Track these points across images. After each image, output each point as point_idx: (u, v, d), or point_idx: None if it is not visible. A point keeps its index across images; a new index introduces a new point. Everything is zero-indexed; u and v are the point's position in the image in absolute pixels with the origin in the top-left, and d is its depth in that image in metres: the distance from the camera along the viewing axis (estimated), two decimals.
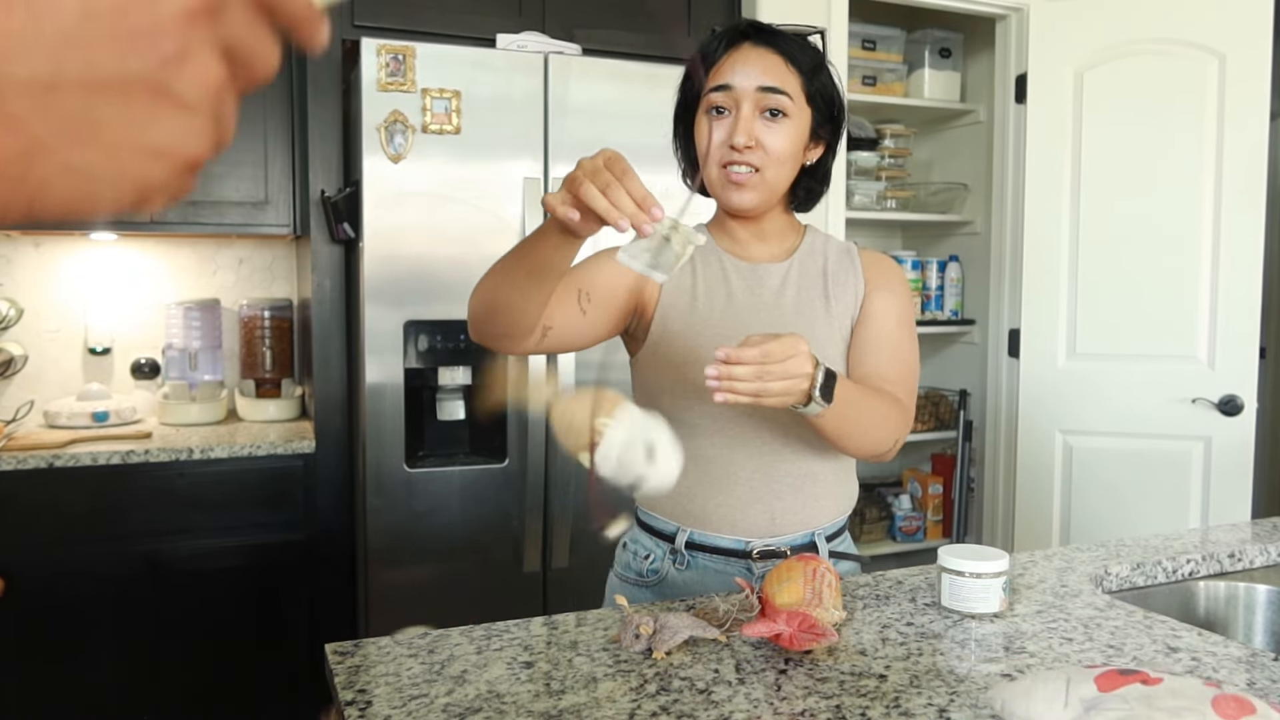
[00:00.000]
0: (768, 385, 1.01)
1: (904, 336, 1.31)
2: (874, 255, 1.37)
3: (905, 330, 1.32)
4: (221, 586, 2.34)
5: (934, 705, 0.91)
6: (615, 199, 0.91)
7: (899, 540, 3.36)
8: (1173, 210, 2.70)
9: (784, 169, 1.24)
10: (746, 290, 1.29)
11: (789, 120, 1.22)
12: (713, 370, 1.01)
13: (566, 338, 1.22)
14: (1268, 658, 1.04)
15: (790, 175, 1.26)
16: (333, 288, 2.44)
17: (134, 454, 2.25)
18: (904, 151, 3.33)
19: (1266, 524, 1.64)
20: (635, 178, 0.92)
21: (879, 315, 1.30)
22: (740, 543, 1.27)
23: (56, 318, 2.74)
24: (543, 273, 1.06)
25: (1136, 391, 2.76)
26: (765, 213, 1.29)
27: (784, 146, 1.22)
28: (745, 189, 1.23)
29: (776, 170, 1.23)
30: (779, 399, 1.03)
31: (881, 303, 1.31)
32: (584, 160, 0.94)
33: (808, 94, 1.23)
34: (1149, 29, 2.71)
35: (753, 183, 1.23)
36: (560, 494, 2.33)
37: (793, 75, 1.22)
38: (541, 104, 2.28)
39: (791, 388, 1.03)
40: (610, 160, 0.93)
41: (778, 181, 1.24)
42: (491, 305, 1.13)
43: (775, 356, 1.00)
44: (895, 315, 1.31)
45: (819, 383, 1.06)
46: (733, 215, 1.30)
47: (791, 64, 1.22)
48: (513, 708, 0.90)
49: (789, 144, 1.22)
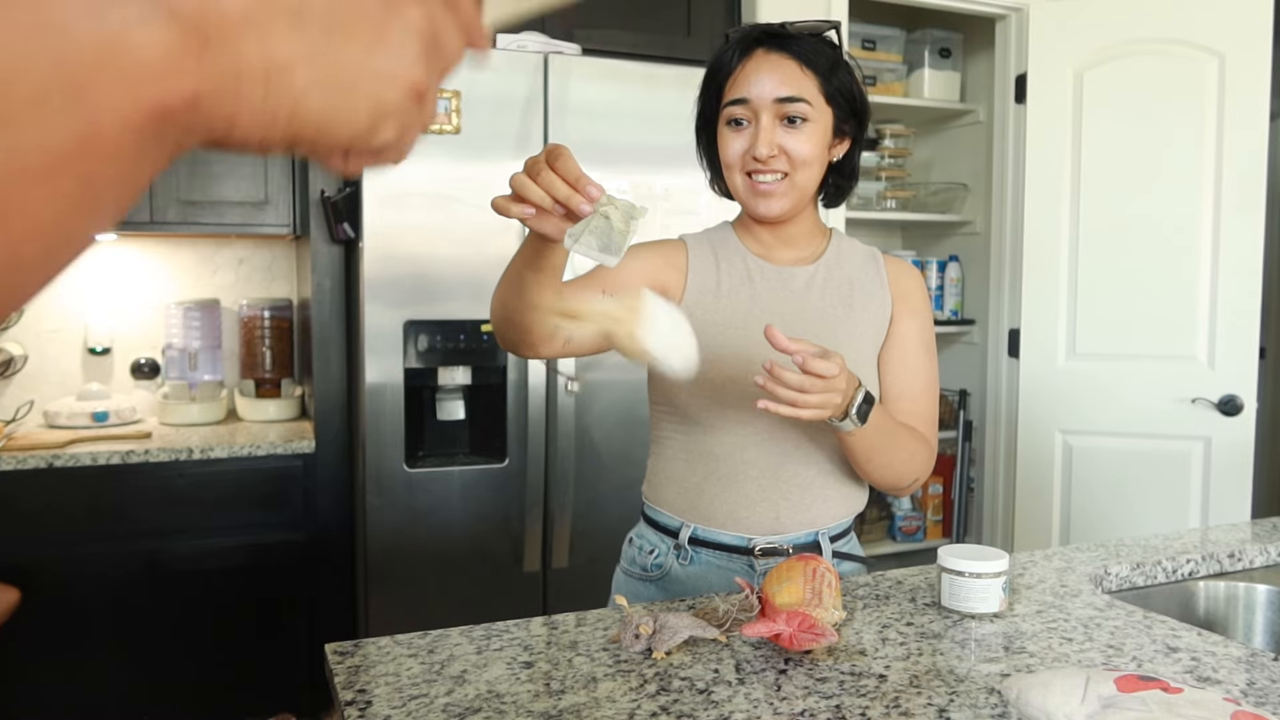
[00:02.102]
0: (806, 398, 1.04)
1: (928, 362, 1.34)
2: (899, 267, 1.37)
3: (929, 355, 1.34)
4: (221, 586, 2.34)
5: (934, 705, 0.91)
6: (546, 183, 0.90)
7: (899, 540, 3.36)
8: (1172, 210, 2.70)
9: (811, 171, 1.24)
10: (770, 292, 1.29)
11: (810, 124, 1.22)
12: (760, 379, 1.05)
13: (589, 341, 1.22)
14: (1267, 658, 1.04)
15: (818, 176, 1.26)
16: (333, 288, 2.44)
17: (134, 454, 2.25)
18: (904, 151, 3.33)
19: (1266, 524, 1.64)
20: (569, 160, 0.90)
21: (908, 340, 1.32)
22: (743, 539, 1.28)
23: (56, 317, 2.74)
24: (538, 278, 1.05)
25: (1136, 391, 2.76)
26: (794, 217, 1.29)
27: (807, 151, 1.22)
28: (774, 197, 1.23)
29: (804, 173, 1.23)
30: (815, 412, 1.06)
31: (908, 327, 1.33)
32: (530, 157, 0.93)
33: (826, 95, 1.23)
34: (1149, 29, 2.71)
35: (781, 190, 1.23)
36: (560, 494, 2.33)
37: (810, 79, 1.22)
38: (541, 104, 2.28)
39: (827, 402, 1.06)
40: (549, 151, 0.91)
41: (806, 184, 1.24)
42: (504, 315, 1.13)
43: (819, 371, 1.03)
44: (921, 340, 1.34)
45: (857, 401, 1.11)
46: (760, 223, 1.30)
47: (808, 67, 1.22)
48: (512, 708, 0.90)
49: (812, 148, 1.22)
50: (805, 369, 1.03)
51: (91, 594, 2.24)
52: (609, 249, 0.92)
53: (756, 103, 1.21)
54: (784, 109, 1.21)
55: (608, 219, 0.91)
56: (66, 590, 2.23)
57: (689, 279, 1.29)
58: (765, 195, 1.23)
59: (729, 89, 1.24)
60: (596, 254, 0.92)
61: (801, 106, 1.21)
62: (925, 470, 1.29)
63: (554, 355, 1.20)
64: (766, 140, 1.20)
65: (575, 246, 0.92)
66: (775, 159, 1.21)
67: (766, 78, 1.21)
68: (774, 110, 1.21)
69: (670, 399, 1.29)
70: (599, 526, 2.36)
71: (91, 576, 2.24)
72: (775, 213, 1.25)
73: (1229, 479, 2.67)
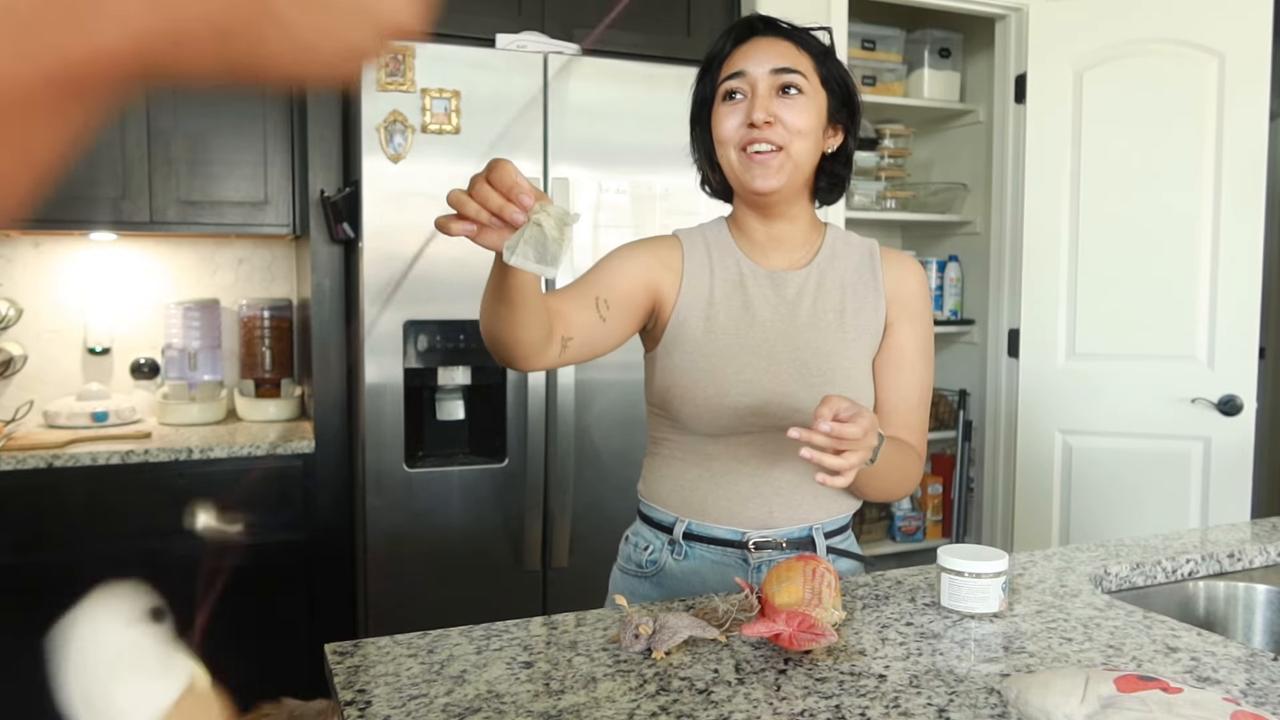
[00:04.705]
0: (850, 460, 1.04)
1: (925, 372, 1.33)
2: (898, 264, 1.35)
3: (926, 363, 1.34)
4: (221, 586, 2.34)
5: (933, 705, 0.91)
6: (481, 196, 0.88)
7: (898, 540, 3.36)
8: (1172, 210, 2.70)
9: (805, 143, 1.23)
10: (762, 299, 1.29)
11: (805, 97, 1.23)
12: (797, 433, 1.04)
13: (589, 346, 1.21)
14: (1267, 658, 1.04)
15: (812, 154, 1.25)
16: (332, 288, 2.44)
17: (133, 454, 2.25)
18: (904, 151, 3.33)
19: (1266, 524, 1.64)
20: (505, 171, 0.88)
21: (906, 350, 1.32)
22: (737, 533, 1.28)
23: (56, 318, 2.74)
24: (511, 296, 1.02)
25: (1136, 391, 2.76)
26: (788, 207, 1.28)
27: (803, 121, 1.22)
28: (770, 169, 1.22)
29: (799, 145, 1.23)
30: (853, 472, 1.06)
31: (906, 335, 1.32)
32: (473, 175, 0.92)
33: (821, 77, 1.25)
34: (1149, 29, 2.71)
35: (777, 162, 1.22)
36: (560, 494, 2.33)
37: (805, 57, 1.24)
38: (541, 104, 2.28)
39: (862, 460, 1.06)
40: (489, 165, 0.90)
41: (801, 158, 1.23)
42: (489, 334, 1.13)
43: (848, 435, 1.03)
44: (919, 349, 1.33)
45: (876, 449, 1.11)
46: (757, 201, 1.27)
47: (803, 49, 1.25)
48: (512, 708, 0.90)
49: (808, 119, 1.23)
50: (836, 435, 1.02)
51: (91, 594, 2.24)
52: (544, 259, 0.90)
53: (753, 74, 1.23)
54: (780, 79, 1.22)
55: (540, 227, 0.89)
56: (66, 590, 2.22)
57: (683, 281, 1.29)
58: (760, 166, 1.22)
59: (725, 68, 1.26)
60: (534, 265, 0.90)
61: (797, 78, 1.22)
62: (916, 484, 1.32)
63: (549, 368, 1.20)
64: (763, 106, 1.21)
65: (512, 259, 0.90)
66: (771, 127, 1.21)
67: (764, 53, 1.23)
68: (770, 81, 1.22)
69: (665, 402, 1.30)
70: (599, 526, 2.36)
71: (91, 576, 2.24)
72: (771, 186, 1.23)
73: (1229, 479, 2.67)
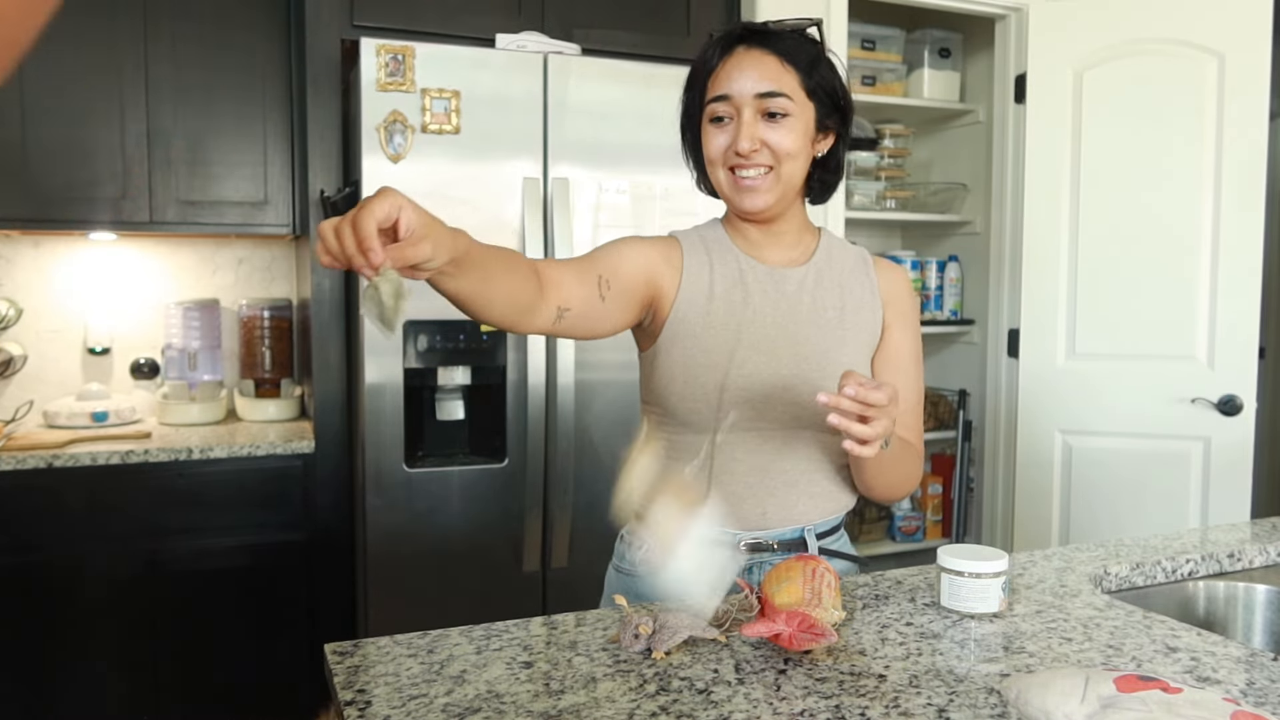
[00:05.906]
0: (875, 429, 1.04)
1: (918, 375, 1.37)
2: (889, 272, 1.38)
3: (918, 366, 1.37)
4: (221, 586, 2.34)
5: (933, 705, 0.91)
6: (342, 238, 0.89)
7: (898, 540, 3.36)
8: (1172, 210, 2.70)
9: (794, 164, 1.25)
10: (763, 294, 1.30)
11: (791, 119, 1.23)
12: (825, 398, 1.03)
13: (584, 322, 1.21)
14: (1267, 658, 1.04)
15: (802, 169, 1.27)
16: (332, 288, 2.44)
17: (133, 454, 2.25)
18: (903, 151, 3.33)
19: (1266, 524, 1.64)
20: (367, 219, 0.87)
21: (903, 354, 1.35)
22: (728, 534, 1.28)
23: (56, 318, 2.74)
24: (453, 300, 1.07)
25: (1136, 391, 2.76)
26: (781, 213, 1.30)
27: (789, 144, 1.23)
28: (758, 192, 1.24)
29: (788, 166, 1.24)
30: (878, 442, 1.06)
31: (901, 339, 1.35)
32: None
33: (807, 89, 1.24)
34: (1149, 29, 2.71)
35: (765, 184, 1.24)
36: (560, 494, 2.33)
37: (790, 73, 1.23)
38: (541, 104, 2.28)
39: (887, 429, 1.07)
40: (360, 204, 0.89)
41: (790, 177, 1.25)
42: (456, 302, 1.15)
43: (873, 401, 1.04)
44: (913, 353, 1.36)
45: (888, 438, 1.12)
46: (746, 219, 1.30)
47: (788, 62, 1.23)
48: (512, 708, 0.90)
49: (793, 141, 1.23)
50: (860, 399, 1.02)
51: (91, 594, 2.24)
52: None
53: (738, 99, 1.23)
54: (765, 104, 1.22)
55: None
56: (66, 590, 2.23)
57: (684, 278, 1.30)
58: (750, 190, 1.24)
59: (711, 86, 1.25)
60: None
61: (782, 101, 1.22)
62: (917, 485, 1.35)
63: (544, 333, 1.21)
64: (748, 134, 1.22)
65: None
66: (757, 153, 1.22)
67: (747, 74, 1.23)
68: (755, 105, 1.22)
69: (662, 397, 1.29)
70: (599, 526, 2.36)
71: (91, 576, 2.24)
72: (760, 207, 1.25)
73: (1228, 479, 2.68)
